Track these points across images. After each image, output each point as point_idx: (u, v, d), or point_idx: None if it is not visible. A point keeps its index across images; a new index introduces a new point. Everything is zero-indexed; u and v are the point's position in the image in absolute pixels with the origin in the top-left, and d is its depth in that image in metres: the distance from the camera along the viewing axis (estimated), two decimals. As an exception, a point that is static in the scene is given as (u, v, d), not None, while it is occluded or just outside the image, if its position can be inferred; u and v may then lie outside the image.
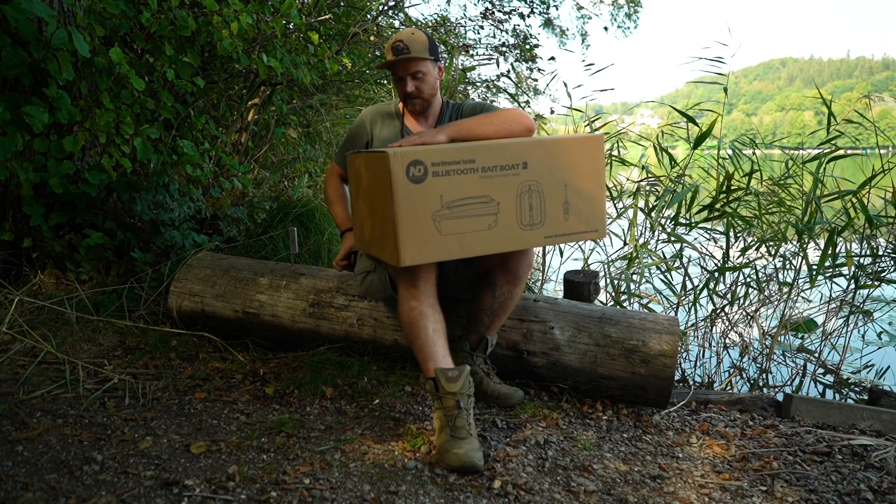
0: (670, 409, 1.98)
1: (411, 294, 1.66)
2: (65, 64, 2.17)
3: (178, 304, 2.28)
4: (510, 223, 1.59)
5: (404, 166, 1.46)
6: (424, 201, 1.49)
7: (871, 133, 3.20)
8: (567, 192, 1.63)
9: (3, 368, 1.89)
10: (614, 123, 3.73)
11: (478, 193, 1.54)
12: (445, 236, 1.52)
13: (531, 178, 1.59)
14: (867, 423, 1.91)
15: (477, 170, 1.53)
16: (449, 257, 1.54)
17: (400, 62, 1.87)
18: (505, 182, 1.57)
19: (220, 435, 1.62)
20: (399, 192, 1.47)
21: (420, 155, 1.48)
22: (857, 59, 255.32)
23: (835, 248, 2.91)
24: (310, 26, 3.32)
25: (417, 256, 1.51)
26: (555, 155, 1.61)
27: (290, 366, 2.08)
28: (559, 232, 1.64)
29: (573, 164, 1.63)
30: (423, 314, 1.64)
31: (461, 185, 1.52)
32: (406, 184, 1.47)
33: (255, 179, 3.86)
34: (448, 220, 1.52)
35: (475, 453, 1.46)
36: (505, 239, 1.59)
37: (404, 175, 1.47)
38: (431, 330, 1.63)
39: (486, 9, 6.62)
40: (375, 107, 2.08)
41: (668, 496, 1.44)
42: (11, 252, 2.55)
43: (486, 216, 1.56)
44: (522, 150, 1.58)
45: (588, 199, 1.66)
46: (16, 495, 1.25)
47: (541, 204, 1.61)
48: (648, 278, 3.41)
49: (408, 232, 1.48)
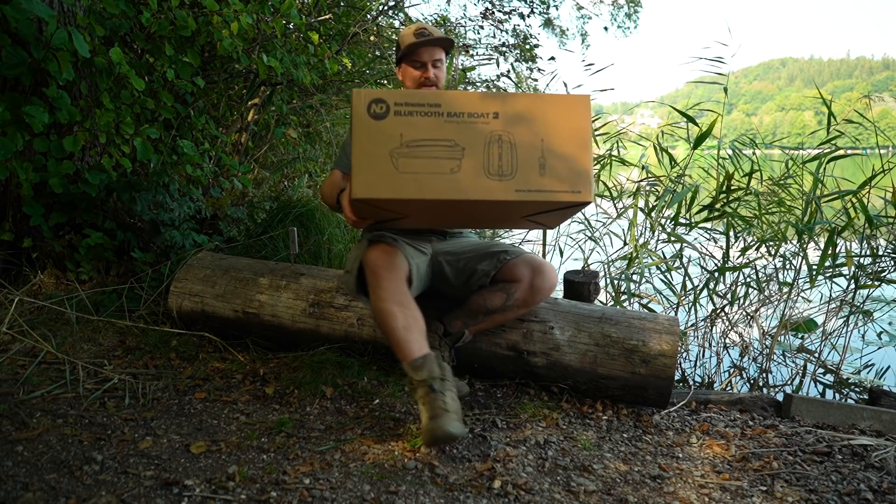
0: (670, 409, 1.98)
1: (377, 295, 1.69)
2: (65, 64, 2.17)
3: (178, 304, 2.28)
4: (475, 170, 1.51)
5: (366, 102, 1.47)
6: (383, 138, 1.48)
7: (871, 133, 3.20)
8: (543, 149, 1.54)
9: (3, 368, 1.89)
10: (614, 123, 3.73)
11: (441, 137, 1.50)
12: (402, 174, 1.48)
13: (502, 128, 1.53)
14: (867, 423, 1.91)
15: (442, 114, 1.50)
16: (404, 196, 1.50)
17: (425, 44, 1.88)
18: (472, 128, 1.51)
19: (220, 435, 1.62)
20: (358, 126, 1.47)
21: (384, 94, 1.49)
22: (857, 59, 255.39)
23: (835, 248, 2.91)
24: (310, 26, 3.32)
25: (370, 190, 1.48)
26: (531, 109, 1.54)
27: (290, 366, 2.08)
28: (533, 187, 1.53)
29: (552, 122, 1.54)
30: (391, 313, 1.66)
31: (424, 126, 1.50)
32: (366, 119, 1.47)
33: (255, 179, 3.86)
34: (406, 158, 1.49)
35: (451, 423, 1.48)
36: (468, 186, 1.50)
37: (365, 111, 1.47)
38: (401, 327, 1.65)
39: (486, 9, 6.63)
40: None
41: (668, 496, 1.44)
42: (11, 252, 2.55)
43: (448, 160, 1.51)
44: (495, 101, 1.53)
45: (568, 159, 1.54)
46: (16, 495, 1.25)
47: (512, 156, 1.53)
48: (648, 278, 3.41)
49: (363, 165, 1.47)
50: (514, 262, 1.88)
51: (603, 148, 3.57)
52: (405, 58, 1.95)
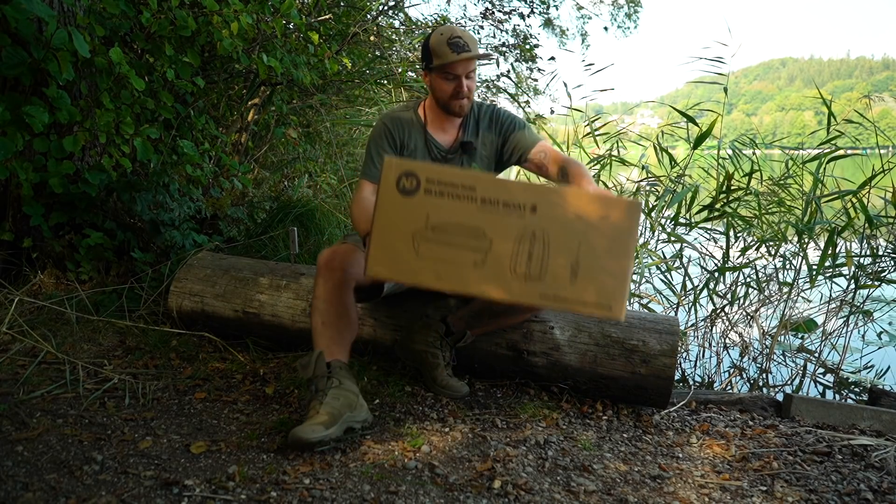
0: (670, 409, 1.98)
1: (314, 291, 1.74)
2: (65, 64, 2.17)
3: (178, 304, 2.28)
4: (500, 266, 1.39)
5: (397, 175, 1.39)
6: (408, 216, 1.39)
7: (871, 133, 3.20)
8: (579, 254, 1.39)
9: (3, 368, 1.89)
10: (614, 123, 3.73)
11: (470, 224, 1.39)
12: (422, 259, 1.39)
13: (538, 223, 1.39)
14: (867, 423, 1.91)
15: (476, 199, 1.39)
16: (420, 284, 1.43)
17: (462, 61, 1.78)
18: (505, 220, 1.39)
19: (220, 435, 1.62)
20: (384, 198, 1.39)
21: (417, 168, 1.40)
22: (857, 59, 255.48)
23: (835, 248, 2.91)
24: (310, 26, 3.32)
25: (384, 271, 1.41)
26: (575, 207, 1.39)
27: (290, 366, 2.08)
28: (560, 294, 1.39)
29: (595, 224, 1.39)
30: (317, 309, 1.71)
31: (453, 209, 1.39)
32: (394, 192, 1.39)
33: (255, 179, 3.86)
34: (429, 242, 1.39)
35: (304, 428, 1.49)
36: (489, 283, 1.39)
37: (394, 184, 1.39)
38: (319, 323, 1.70)
39: (486, 9, 6.63)
40: (390, 115, 1.97)
41: (668, 496, 1.44)
42: (11, 252, 2.55)
43: (473, 251, 1.39)
44: (536, 192, 1.40)
45: (605, 270, 1.39)
46: (16, 495, 1.25)
47: (543, 256, 1.39)
48: (648, 278, 3.41)
49: (382, 242, 1.40)
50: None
51: (603, 148, 3.57)
52: (438, 69, 1.83)
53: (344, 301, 1.72)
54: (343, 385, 1.62)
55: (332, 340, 1.69)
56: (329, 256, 1.76)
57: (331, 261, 1.74)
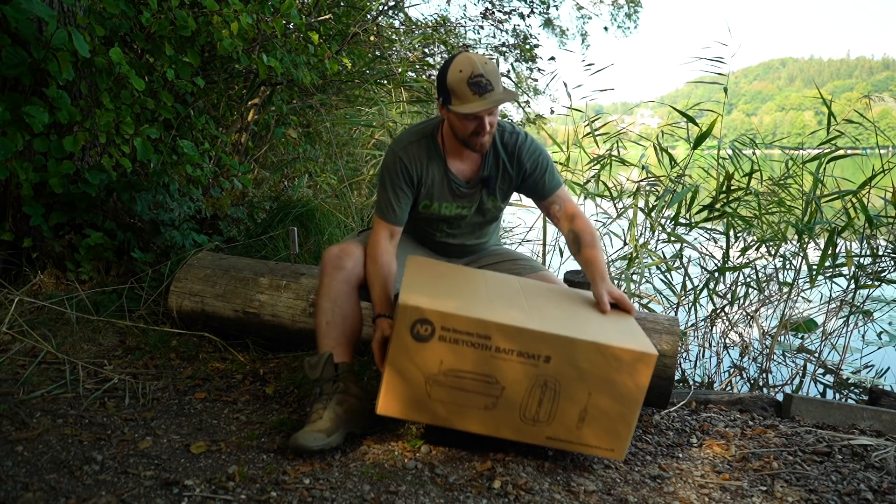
0: (670, 409, 1.98)
1: (318, 290, 1.72)
2: (65, 64, 2.17)
3: (178, 303, 2.28)
4: (510, 411, 1.43)
5: (411, 322, 1.37)
6: (421, 362, 1.39)
7: (871, 133, 3.20)
8: (588, 403, 1.42)
9: (3, 368, 1.89)
10: (614, 123, 3.73)
11: (482, 372, 1.40)
12: (434, 401, 1.42)
13: (551, 373, 1.40)
14: (867, 423, 1.91)
15: (490, 348, 1.39)
16: (431, 421, 1.45)
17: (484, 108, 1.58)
18: (518, 369, 1.40)
19: (220, 435, 1.62)
20: (397, 344, 1.39)
21: (431, 314, 1.37)
22: (857, 59, 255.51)
23: (835, 248, 2.92)
24: (310, 26, 3.32)
25: (396, 410, 1.44)
26: (589, 360, 1.40)
27: (290, 366, 2.08)
28: (565, 438, 1.45)
29: (607, 377, 1.40)
30: (321, 308, 1.69)
31: (467, 357, 1.39)
32: (407, 339, 1.38)
33: (255, 179, 3.86)
34: (441, 387, 1.41)
35: (305, 435, 1.50)
36: (498, 424, 1.44)
37: (408, 331, 1.38)
38: (324, 322, 1.68)
39: (486, 9, 6.63)
40: (406, 140, 1.78)
41: (668, 496, 1.44)
42: (11, 252, 2.55)
43: (485, 396, 1.42)
44: (552, 343, 1.39)
45: (612, 418, 1.42)
46: (16, 495, 1.25)
47: (553, 404, 1.42)
48: (648, 278, 3.41)
49: (394, 386, 1.41)
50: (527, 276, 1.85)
51: (603, 148, 3.57)
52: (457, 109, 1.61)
53: (350, 300, 1.71)
54: (349, 390, 1.61)
55: (338, 341, 1.67)
56: (336, 254, 1.73)
57: (337, 259, 1.72)
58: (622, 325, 1.53)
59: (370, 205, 3.95)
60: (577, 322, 1.48)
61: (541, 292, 1.63)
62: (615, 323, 1.53)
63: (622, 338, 1.44)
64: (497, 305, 1.47)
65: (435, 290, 1.48)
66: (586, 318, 1.52)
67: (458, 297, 1.46)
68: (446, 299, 1.43)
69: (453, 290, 1.51)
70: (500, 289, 1.60)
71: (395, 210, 1.76)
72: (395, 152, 1.77)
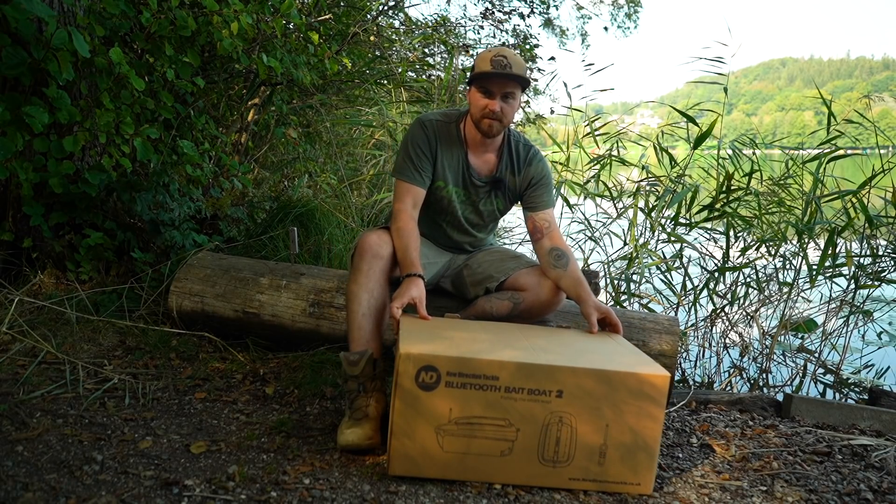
0: (670, 409, 1.98)
1: (353, 277, 1.68)
2: (65, 64, 2.17)
3: (178, 303, 2.28)
4: (528, 454, 1.38)
5: (415, 370, 1.33)
6: (429, 412, 1.35)
7: (871, 133, 3.20)
8: (607, 435, 1.38)
9: (3, 368, 1.89)
10: (614, 123, 3.74)
11: (494, 415, 1.36)
12: (447, 453, 1.37)
13: (564, 409, 1.36)
14: (867, 423, 1.91)
15: (499, 388, 1.35)
16: (445, 476, 1.40)
17: (497, 76, 1.72)
18: (530, 407, 1.36)
19: (220, 435, 1.62)
20: (402, 395, 1.34)
21: (435, 360, 1.33)
22: (857, 59, 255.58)
23: (835, 248, 2.92)
24: (310, 26, 3.32)
25: (408, 468, 1.38)
26: (602, 390, 1.37)
27: (290, 366, 2.08)
28: (588, 477, 1.40)
29: (622, 404, 1.37)
30: (357, 298, 1.65)
31: (477, 401, 1.35)
32: (413, 389, 1.34)
33: (255, 179, 3.86)
34: (453, 436, 1.36)
35: (358, 433, 1.49)
36: (517, 470, 1.39)
37: (412, 380, 1.33)
38: (360, 314, 1.64)
39: (486, 9, 6.63)
40: (433, 117, 1.88)
41: (668, 496, 1.44)
42: (11, 252, 2.55)
43: (501, 441, 1.37)
44: (562, 375, 1.36)
45: (633, 448, 1.39)
46: (16, 495, 1.25)
47: (570, 441, 1.38)
48: (648, 278, 3.41)
49: (403, 440, 1.36)
50: (524, 272, 1.88)
51: (603, 148, 3.57)
52: (476, 82, 1.78)
53: (385, 291, 1.68)
54: (383, 389, 1.63)
55: (373, 335, 1.65)
56: (375, 241, 1.68)
57: (377, 246, 1.67)
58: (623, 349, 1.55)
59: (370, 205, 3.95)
60: (584, 353, 1.47)
61: (539, 333, 1.64)
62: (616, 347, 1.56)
63: (633, 363, 1.43)
64: (499, 347, 1.45)
65: (433, 339, 1.46)
66: (592, 349, 1.53)
67: (459, 343, 1.44)
68: (448, 345, 1.41)
69: (453, 338, 1.49)
70: (499, 333, 1.60)
71: (420, 172, 1.83)
72: (421, 123, 1.87)
